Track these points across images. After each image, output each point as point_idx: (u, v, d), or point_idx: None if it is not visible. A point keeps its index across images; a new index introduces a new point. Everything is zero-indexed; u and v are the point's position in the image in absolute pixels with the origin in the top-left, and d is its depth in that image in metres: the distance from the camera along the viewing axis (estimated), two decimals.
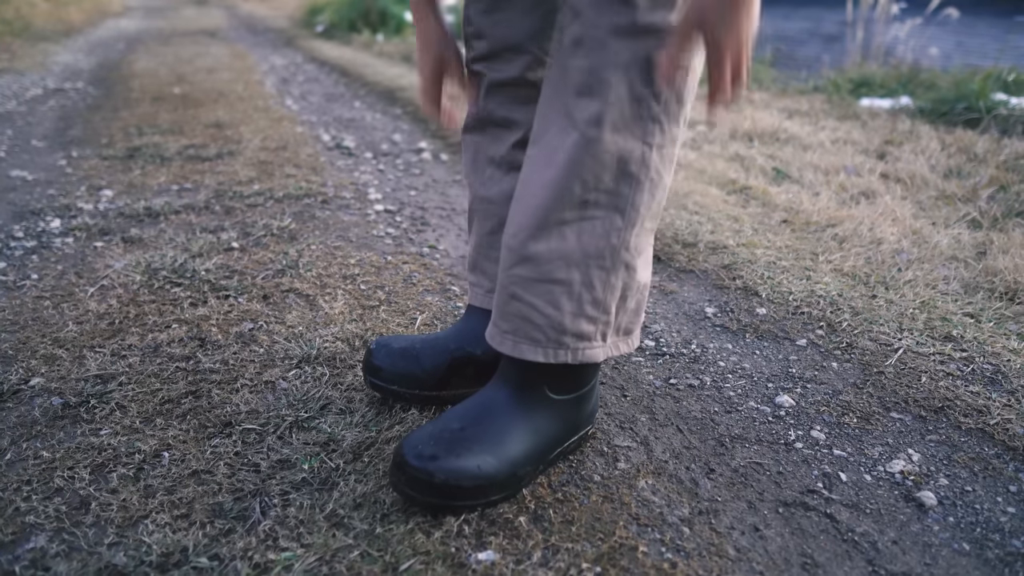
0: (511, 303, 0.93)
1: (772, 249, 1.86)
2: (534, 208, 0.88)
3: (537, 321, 0.91)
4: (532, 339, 0.92)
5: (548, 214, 0.88)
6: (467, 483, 0.88)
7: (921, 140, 3.24)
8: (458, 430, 0.92)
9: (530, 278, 0.90)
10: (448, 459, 0.89)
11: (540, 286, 0.90)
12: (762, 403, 1.20)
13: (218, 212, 2.08)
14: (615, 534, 0.88)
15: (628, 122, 0.84)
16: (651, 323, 1.47)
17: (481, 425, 0.93)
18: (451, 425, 0.93)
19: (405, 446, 0.90)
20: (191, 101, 3.87)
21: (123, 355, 1.29)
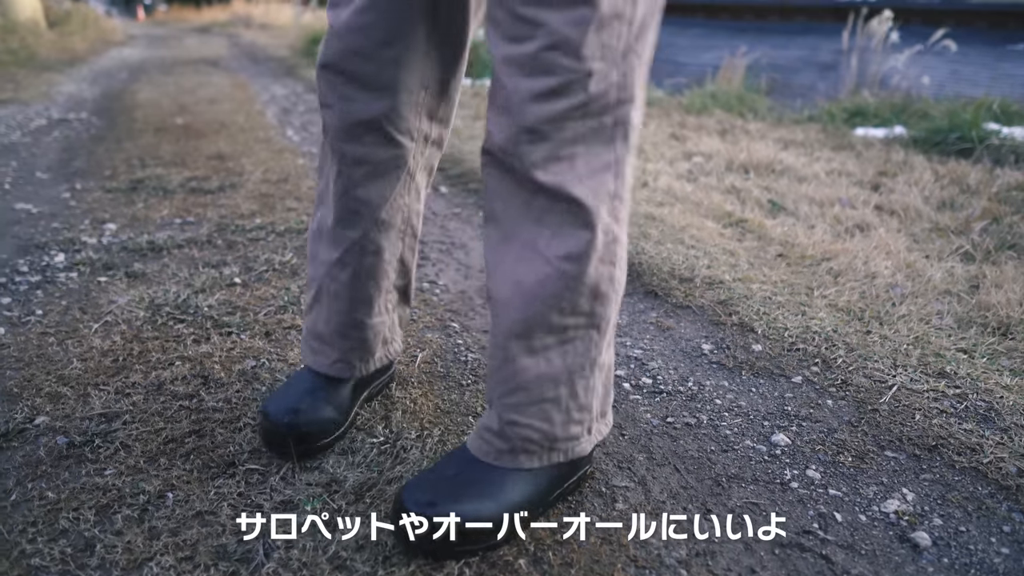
0: (511, 428, 0.96)
1: (768, 284, 1.88)
2: (516, 335, 0.92)
3: (533, 438, 0.96)
4: (528, 452, 0.97)
5: (532, 341, 0.91)
6: (467, 529, 0.90)
7: (915, 171, 3.27)
8: (454, 476, 0.94)
9: (524, 403, 0.94)
10: (447, 505, 0.90)
11: (533, 407, 0.95)
12: (758, 442, 1.22)
13: (220, 246, 2.10)
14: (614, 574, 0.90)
15: (607, 250, 0.89)
16: (648, 360, 1.49)
17: (478, 471, 0.95)
18: (447, 472, 0.95)
19: (405, 493, 0.92)
20: (193, 132, 3.92)
21: (127, 393, 1.31)
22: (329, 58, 0.98)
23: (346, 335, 1.16)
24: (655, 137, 3.86)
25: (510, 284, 0.90)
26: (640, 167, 3.18)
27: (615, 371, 1.45)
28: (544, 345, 0.92)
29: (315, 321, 1.17)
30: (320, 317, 1.16)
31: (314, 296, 1.16)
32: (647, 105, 5.17)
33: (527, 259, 0.88)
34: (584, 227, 0.86)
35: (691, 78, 6.61)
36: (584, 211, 0.85)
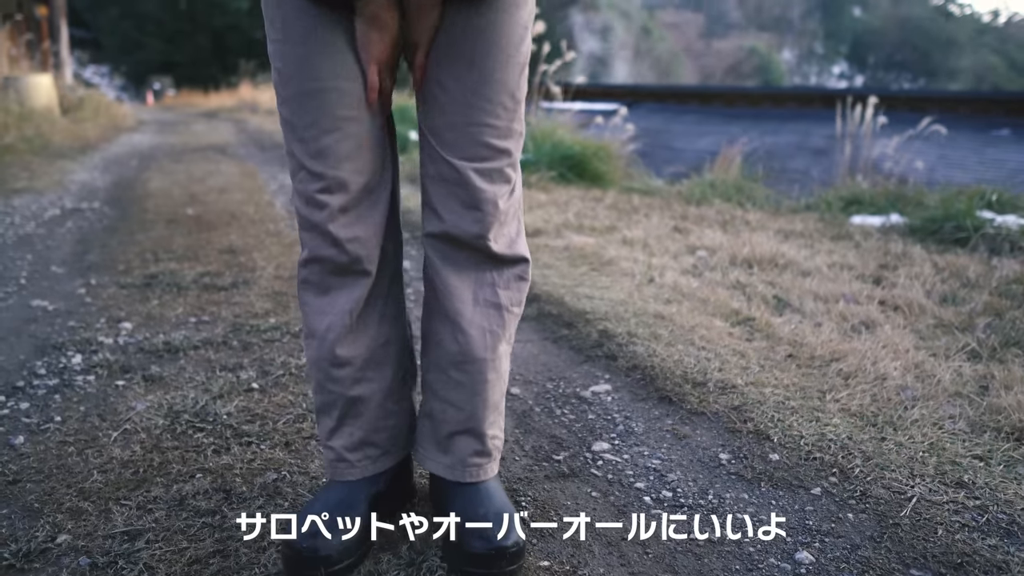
0: (492, 442, 1.24)
1: (780, 388, 1.90)
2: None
3: (499, 445, 1.27)
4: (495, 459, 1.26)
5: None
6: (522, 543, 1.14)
7: (915, 264, 3.33)
8: (491, 513, 1.15)
9: (497, 418, 1.26)
10: (514, 530, 1.14)
11: (499, 419, 1.26)
12: (782, 559, 1.22)
13: (236, 348, 2.12)
14: None
15: None
16: (667, 471, 1.50)
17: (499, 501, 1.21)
18: (479, 511, 1.16)
19: (485, 536, 1.11)
20: (204, 224, 3.99)
21: (149, 509, 1.31)
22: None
23: (383, 429, 1.24)
24: (658, 230, 3.94)
25: (478, 329, 1.17)
26: (645, 262, 3.23)
27: (636, 483, 1.45)
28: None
29: (351, 433, 1.21)
30: (358, 424, 1.21)
31: (343, 411, 1.20)
32: (648, 195, 5.29)
33: (489, 309, 1.18)
34: (526, 279, 1.21)
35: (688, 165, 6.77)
36: (527, 264, 1.21)
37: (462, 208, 1.12)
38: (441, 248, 1.17)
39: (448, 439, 1.22)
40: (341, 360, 1.17)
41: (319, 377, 1.19)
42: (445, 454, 1.23)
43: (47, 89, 9.61)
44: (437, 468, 1.24)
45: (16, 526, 1.26)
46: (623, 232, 3.83)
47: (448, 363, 1.20)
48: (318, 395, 1.21)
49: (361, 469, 1.22)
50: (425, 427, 1.26)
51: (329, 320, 1.16)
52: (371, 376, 1.20)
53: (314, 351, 1.18)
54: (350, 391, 1.19)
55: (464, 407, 1.20)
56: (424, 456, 1.26)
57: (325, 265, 1.14)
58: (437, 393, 1.22)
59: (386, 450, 1.25)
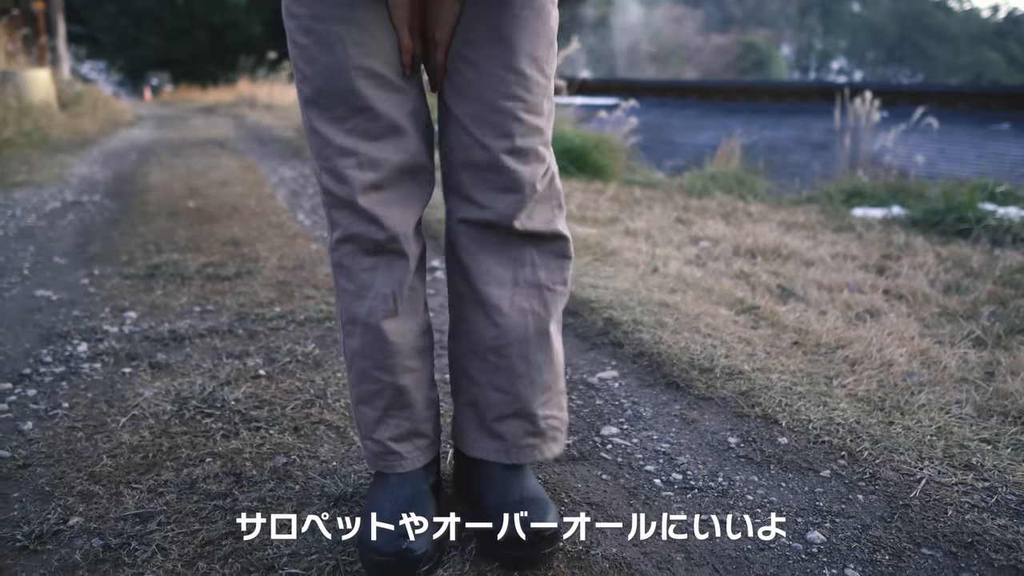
0: (545, 422, 1.22)
1: (787, 374, 1.90)
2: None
3: (560, 427, 1.26)
4: (556, 440, 1.25)
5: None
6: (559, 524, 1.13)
7: (918, 254, 3.34)
8: (527, 498, 1.15)
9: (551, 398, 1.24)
10: (550, 513, 1.13)
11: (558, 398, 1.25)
12: (794, 539, 1.22)
13: (242, 336, 2.12)
14: None
15: None
16: (676, 455, 1.50)
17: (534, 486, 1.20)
18: (516, 496, 1.15)
19: (524, 520, 1.09)
20: (206, 216, 3.99)
21: (160, 492, 1.31)
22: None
23: (428, 419, 1.22)
24: (661, 222, 3.94)
25: (518, 311, 1.16)
26: (649, 252, 3.23)
27: (646, 466, 1.45)
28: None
29: (398, 424, 1.18)
30: (405, 415, 1.18)
31: (390, 401, 1.17)
32: (649, 188, 5.29)
33: (530, 290, 1.16)
34: (567, 256, 1.19)
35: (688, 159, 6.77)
36: (566, 242, 1.18)
37: (498, 192, 1.10)
38: (475, 233, 1.15)
39: (496, 423, 1.19)
40: (390, 346, 1.13)
41: (364, 366, 1.15)
42: (495, 439, 1.20)
43: (45, 84, 9.59)
44: (488, 453, 1.20)
45: (28, 509, 1.26)
46: (626, 223, 3.83)
47: (486, 349, 1.17)
48: (361, 385, 1.16)
49: (412, 460, 1.18)
50: (468, 415, 1.23)
51: (370, 305, 1.12)
52: (417, 365, 1.17)
53: (359, 338, 1.13)
54: (399, 379, 1.15)
55: (509, 390, 1.17)
56: (471, 444, 1.23)
57: (360, 244, 1.10)
58: (477, 380, 1.20)
59: (433, 440, 1.23)
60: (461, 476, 1.29)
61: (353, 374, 1.17)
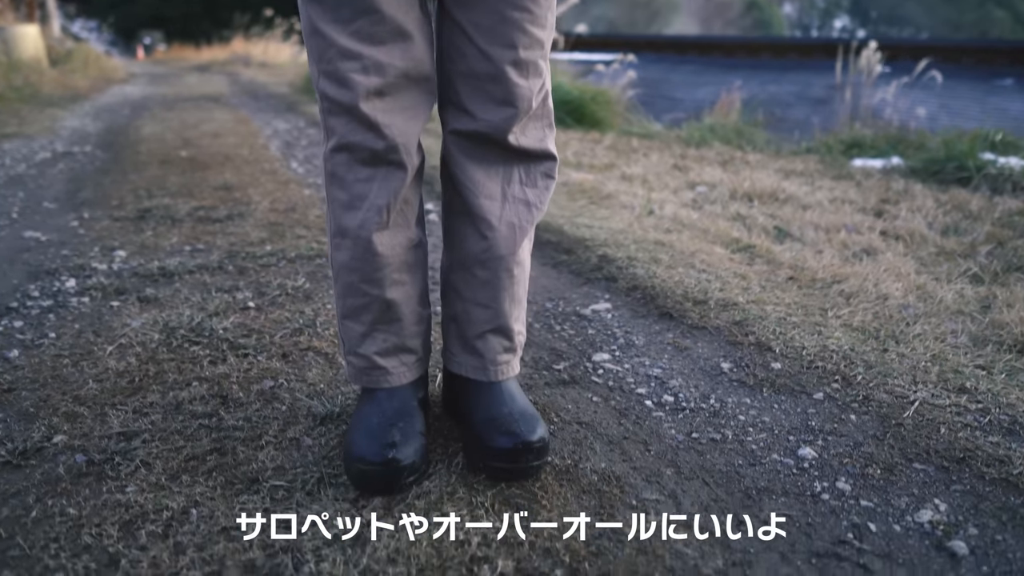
0: (519, 338, 1.23)
1: (781, 305, 1.88)
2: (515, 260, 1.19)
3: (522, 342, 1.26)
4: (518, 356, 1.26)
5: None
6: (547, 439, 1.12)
7: (916, 199, 3.30)
8: (516, 411, 1.13)
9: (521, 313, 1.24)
10: (539, 425, 1.12)
11: (522, 315, 1.25)
12: (785, 456, 1.21)
13: (231, 272, 2.10)
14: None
15: None
16: (668, 379, 1.48)
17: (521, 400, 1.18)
18: (504, 409, 1.13)
19: (512, 432, 1.08)
20: (198, 164, 3.94)
21: (145, 412, 1.29)
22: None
23: (416, 335, 1.19)
24: (657, 168, 3.90)
25: (507, 225, 1.15)
26: (644, 196, 3.20)
27: (637, 389, 1.44)
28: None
29: (384, 339, 1.15)
30: (392, 330, 1.15)
31: (377, 316, 1.14)
32: (647, 138, 5.23)
33: (518, 205, 1.16)
34: (552, 177, 1.19)
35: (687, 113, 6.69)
36: (554, 163, 1.18)
37: (495, 104, 1.08)
38: (467, 145, 1.12)
39: (477, 339, 1.19)
40: (379, 259, 1.10)
41: (351, 279, 1.12)
42: (473, 355, 1.19)
43: (34, 40, 9.43)
44: (466, 370, 1.20)
45: (12, 428, 1.25)
46: (622, 169, 3.78)
47: (473, 261, 1.16)
48: (348, 298, 1.13)
49: (399, 376, 1.17)
50: (451, 330, 1.23)
51: (362, 217, 1.08)
52: (406, 279, 1.14)
53: (347, 251, 1.10)
54: (387, 293, 1.12)
55: (491, 305, 1.17)
56: (452, 359, 1.23)
57: (356, 153, 1.05)
58: (461, 294, 1.19)
59: (420, 357, 1.21)
60: (449, 394, 1.27)
61: (339, 288, 1.15)
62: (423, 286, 1.19)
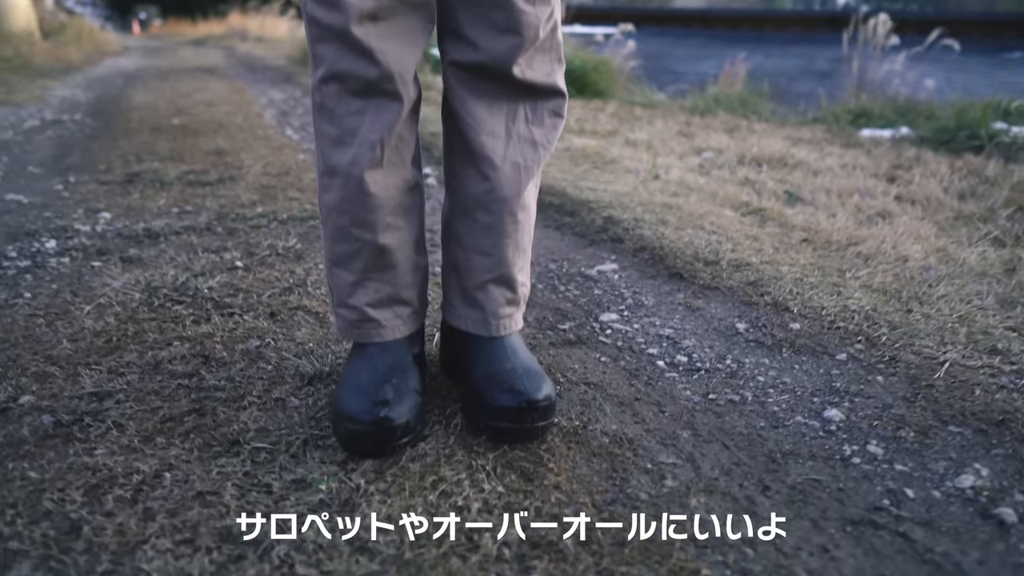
0: (523, 289, 1.13)
1: (796, 267, 1.79)
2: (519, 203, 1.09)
3: (526, 295, 1.16)
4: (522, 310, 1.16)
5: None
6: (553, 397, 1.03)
7: (929, 165, 3.20)
8: (520, 367, 1.04)
9: (525, 263, 1.14)
10: (544, 383, 1.03)
11: (526, 266, 1.15)
12: (809, 418, 1.12)
13: (220, 233, 2.00)
14: (672, 556, 0.79)
15: None
16: (681, 339, 1.39)
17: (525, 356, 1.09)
18: (507, 365, 1.04)
19: (515, 390, 0.99)
20: (190, 131, 3.83)
21: (121, 372, 1.20)
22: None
23: (412, 285, 1.10)
24: (662, 134, 3.79)
25: (510, 165, 1.04)
26: (649, 161, 3.09)
27: (648, 349, 1.35)
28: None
29: (377, 288, 1.06)
30: (385, 279, 1.06)
31: (369, 263, 1.04)
32: (650, 108, 5.10)
33: (523, 144, 1.05)
34: (561, 115, 1.09)
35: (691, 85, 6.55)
36: (563, 100, 1.08)
37: (498, 33, 0.97)
38: (468, 79, 1.02)
39: (477, 290, 1.09)
40: (372, 199, 0.99)
41: (341, 222, 1.01)
42: (474, 308, 1.09)
43: (25, 11, 9.24)
44: (466, 324, 1.10)
45: None
46: (626, 135, 3.67)
47: (473, 204, 1.06)
48: (337, 244, 1.03)
49: (392, 329, 1.07)
50: (451, 280, 1.13)
51: (354, 153, 0.97)
52: (400, 223, 1.04)
53: (337, 191, 1.00)
54: (380, 238, 1.02)
55: (492, 252, 1.07)
56: (451, 312, 1.13)
57: (347, 83, 0.95)
58: (462, 241, 1.09)
59: (416, 309, 1.11)
60: (448, 352, 1.18)
61: (328, 233, 1.04)
62: (419, 232, 1.09)
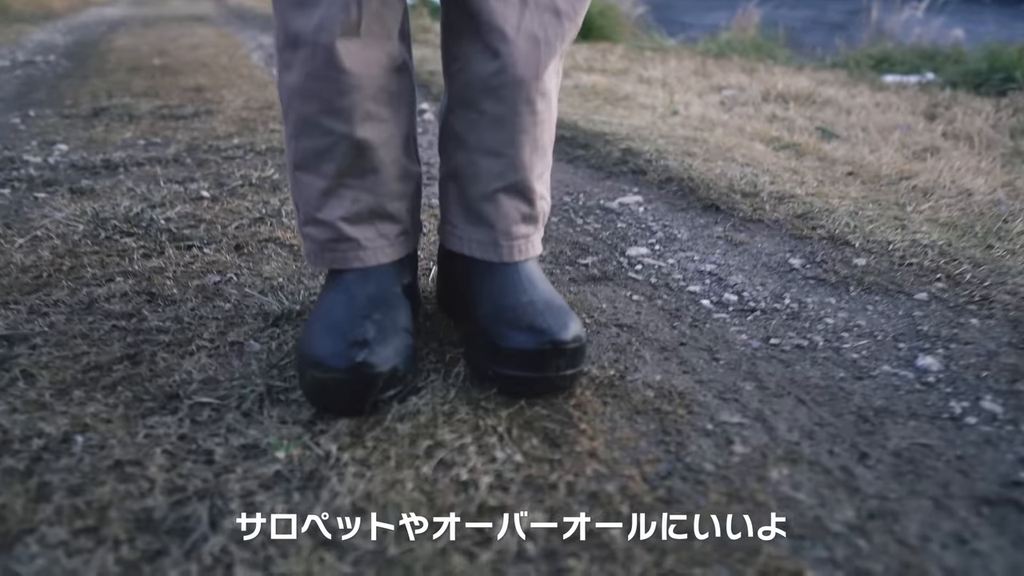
0: (542, 203, 0.90)
1: (848, 200, 1.55)
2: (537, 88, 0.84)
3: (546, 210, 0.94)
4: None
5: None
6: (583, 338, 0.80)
7: (972, 104, 2.94)
8: (540, 300, 0.81)
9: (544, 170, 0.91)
10: (572, 320, 0.79)
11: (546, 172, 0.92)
12: (899, 367, 0.90)
13: (188, 164, 1.76)
14: (761, 552, 0.58)
15: None
16: (726, 275, 1.16)
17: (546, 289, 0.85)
18: (523, 298, 0.81)
19: (536, 328, 0.76)
20: (170, 70, 3.55)
21: (44, 312, 0.98)
22: None
23: (400, 196, 0.86)
24: (677, 72, 3.52)
25: (526, 38, 0.80)
26: (666, 97, 2.83)
27: (689, 287, 1.12)
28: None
29: (355, 198, 0.82)
30: (366, 185, 0.82)
31: (345, 163, 0.80)
32: (661, 51, 4.81)
33: (544, 13, 0.81)
34: None
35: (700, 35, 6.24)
36: None
37: None
38: None
39: (485, 202, 0.85)
40: (346, 77, 0.75)
41: (307, 110, 0.77)
42: (480, 225, 0.86)
43: None
44: (470, 247, 0.87)
45: None
46: (639, 72, 3.41)
47: (480, 90, 0.81)
48: (303, 139, 0.80)
49: (375, 252, 0.84)
50: (450, 193, 0.89)
51: (321, 16, 0.73)
52: (384, 113, 0.80)
53: (300, 68, 0.76)
54: (357, 130, 0.78)
55: (504, 152, 0.83)
56: (450, 234, 0.89)
57: None
58: (465, 140, 0.85)
59: (406, 228, 0.87)
60: (446, 287, 0.95)
61: (291, 126, 0.80)
62: (409, 130, 0.85)
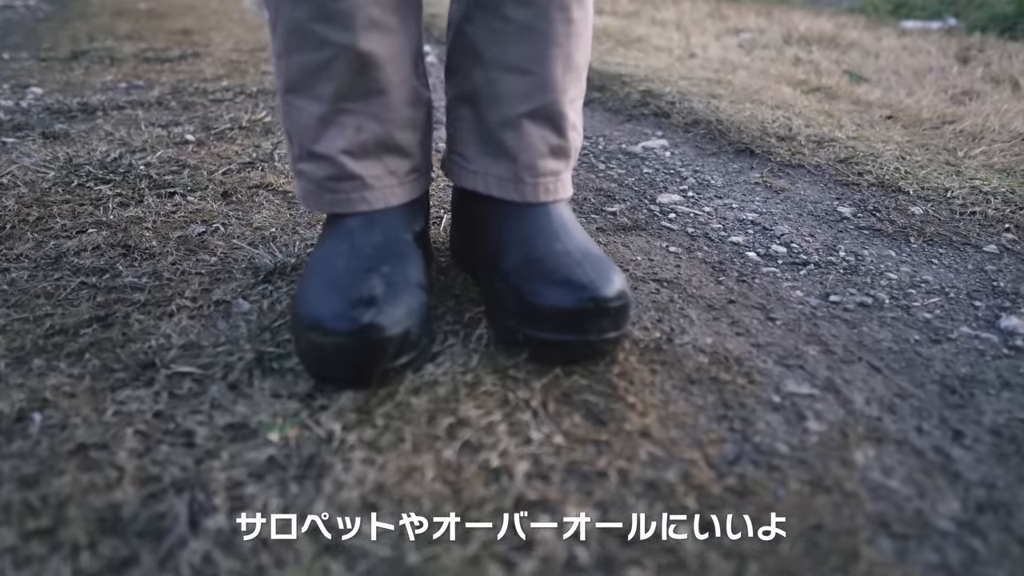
0: (575, 135, 0.76)
1: (892, 144, 1.43)
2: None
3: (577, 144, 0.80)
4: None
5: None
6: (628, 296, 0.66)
7: (1006, 47, 2.79)
8: (576, 249, 0.67)
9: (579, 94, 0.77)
10: (615, 273, 0.66)
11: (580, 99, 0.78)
12: (981, 328, 0.79)
13: (173, 108, 1.63)
14: (860, 555, 0.47)
15: None
16: (771, 225, 1.05)
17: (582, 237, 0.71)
18: (556, 246, 0.68)
19: (573, 283, 0.63)
20: (156, 14, 3.38)
21: (4, 267, 0.86)
22: None
23: (411, 125, 0.72)
24: (691, 14, 3.35)
25: None
26: (682, 39, 2.68)
27: (731, 237, 1.01)
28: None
29: (358, 126, 0.68)
30: (371, 111, 0.68)
31: (346, 84, 0.66)
32: None
33: None
34: None
35: None
36: None
37: None
38: None
39: (506, 129, 0.71)
40: None
41: (299, 16, 0.64)
42: (500, 157, 0.72)
43: None
44: (487, 184, 0.73)
45: None
46: (651, 15, 3.24)
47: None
48: (294, 54, 0.66)
49: (382, 192, 0.70)
50: (463, 119, 0.75)
51: None
52: (391, 21, 0.66)
53: None
54: (360, 40, 0.64)
55: (532, 69, 0.69)
56: (462, 170, 0.76)
57: None
58: (482, 54, 0.71)
59: (418, 165, 0.74)
60: (461, 236, 0.83)
61: (280, 38, 0.66)
62: (418, 43, 0.72)
